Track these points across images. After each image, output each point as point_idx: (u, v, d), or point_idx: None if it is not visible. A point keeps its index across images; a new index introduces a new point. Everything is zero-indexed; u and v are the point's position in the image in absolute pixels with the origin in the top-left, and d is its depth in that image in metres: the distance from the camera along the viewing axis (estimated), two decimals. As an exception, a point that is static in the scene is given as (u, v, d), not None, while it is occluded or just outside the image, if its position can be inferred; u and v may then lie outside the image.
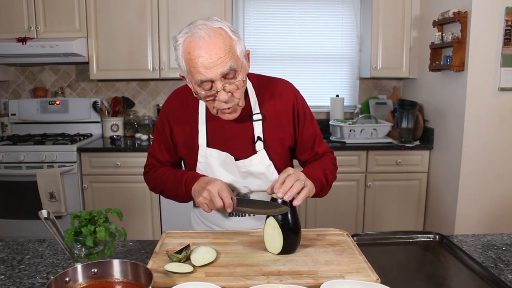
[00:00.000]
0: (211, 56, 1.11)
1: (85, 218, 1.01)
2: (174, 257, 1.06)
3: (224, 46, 1.12)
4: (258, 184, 1.36)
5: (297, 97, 1.40)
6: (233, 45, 1.16)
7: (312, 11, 3.55)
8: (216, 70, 1.12)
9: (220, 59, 1.11)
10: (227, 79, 1.15)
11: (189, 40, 1.13)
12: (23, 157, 2.90)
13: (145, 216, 3.07)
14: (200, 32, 1.12)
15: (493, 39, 2.52)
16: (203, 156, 1.36)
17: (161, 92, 3.60)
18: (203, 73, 1.13)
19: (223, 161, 1.34)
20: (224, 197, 1.18)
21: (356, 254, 1.13)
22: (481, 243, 1.33)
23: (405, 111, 3.10)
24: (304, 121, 1.41)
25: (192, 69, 1.14)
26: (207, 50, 1.11)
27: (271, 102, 1.36)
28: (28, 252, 1.24)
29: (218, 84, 1.14)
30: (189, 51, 1.13)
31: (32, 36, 3.06)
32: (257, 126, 1.34)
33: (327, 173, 1.36)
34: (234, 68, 1.14)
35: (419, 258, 1.27)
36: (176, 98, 1.41)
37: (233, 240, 1.22)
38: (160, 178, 1.41)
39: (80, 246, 1.02)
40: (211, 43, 1.11)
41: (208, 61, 1.11)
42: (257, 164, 1.34)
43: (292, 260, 1.10)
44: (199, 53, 1.11)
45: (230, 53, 1.13)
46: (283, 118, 1.37)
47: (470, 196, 2.69)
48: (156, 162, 1.46)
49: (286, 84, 1.42)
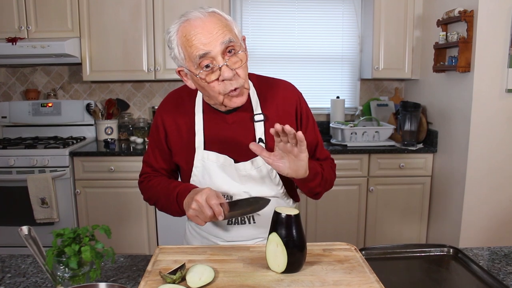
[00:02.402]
0: (209, 31, 1.08)
1: (69, 236, 0.92)
2: (168, 278, 0.97)
3: (221, 23, 1.11)
4: (258, 190, 1.27)
5: (300, 99, 1.33)
6: (229, 24, 1.14)
7: (312, 10, 3.46)
8: (215, 41, 1.08)
9: (217, 33, 1.09)
10: (227, 55, 1.11)
11: (184, 25, 1.11)
12: (13, 161, 2.80)
13: (140, 221, 2.97)
14: (194, 14, 1.11)
15: (500, 39, 2.43)
16: (199, 160, 1.26)
17: (157, 94, 3.50)
18: (202, 48, 1.08)
19: (222, 164, 1.25)
20: (213, 204, 1.07)
21: (367, 272, 1.03)
22: (499, 257, 1.24)
23: (408, 113, 3.01)
24: (307, 125, 1.34)
25: (189, 48, 1.10)
26: (204, 27, 1.09)
27: (274, 102, 1.29)
28: (10, 269, 1.15)
29: (219, 59, 1.09)
30: (185, 33, 1.10)
31: (23, 36, 2.96)
32: (258, 127, 1.26)
33: (323, 168, 1.29)
34: (233, 41, 1.10)
35: (433, 274, 1.17)
36: (171, 101, 1.33)
37: (232, 256, 1.13)
38: (154, 188, 1.31)
39: (63, 267, 0.92)
40: (207, 21, 1.09)
41: (206, 35, 1.08)
42: (259, 167, 1.25)
43: (298, 280, 1.00)
44: (196, 31, 1.08)
45: (228, 28, 1.11)
46: (286, 119, 1.29)
47: (476, 201, 2.60)
48: (151, 170, 1.37)
49: (289, 85, 1.35)
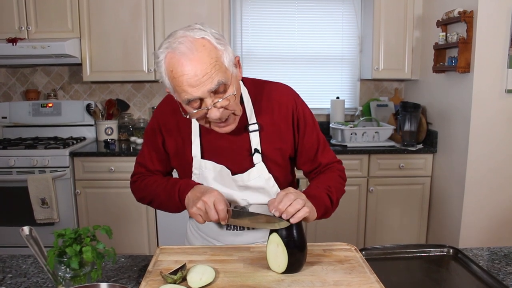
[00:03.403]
0: (196, 73, 1.00)
1: (70, 237, 0.92)
2: (169, 278, 0.97)
3: (210, 60, 1.01)
4: (256, 198, 1.26)
5: (296, 102, 1.28)
6: (220, 56, 1.04)
7: (311, 11, 3.46)
8: (203, 87, 1.01)
9: (206, 75, 1.01)
10: (217, 94, 1.05)
11: (170, 57, 1.02)
12: (13, 161, 2.80)
13: (140, 222, 2.97)
14: (181, 47, 1.00)
15: (500, 39, 2.44)
16: (197, 168, 1.26)
17: (157, 94, 3.50)
18: (190, 92, 1.02)
19: (219, 173, 1.24)
20: (220, 210, 1.07)
21: (367, 272, 1.04)
22: (499, 257, 1.24)
23: (408, 114, 3.01)
24: (305, 129, 1.28)
25: (177, 88, 1.04)
26: (191, 66, 1.00)
27: (269, 109, 1.25)
28: (11, 270, 1.15)
29: (207, 101, 1.04)
30: (172, 68, 1.02)
31: (23, 36, 2.96)
32: (254, 137, 1.23)
33: (332, 191, 1.23)
34: (223, 82, 1.03)
35: (432, 274, 1.18)
36: (169, 104, 1.29)
37: (233, 256, 1.13)
38: (150, 186, 1.30)
39: (65, 267, 0.92)
40: (194, 58, 1.00)
41: (194, 78, 1.00)
42: (255, 178, 1.23)
43: (298, 280, 1.01)
44: (183, 70, 1.00)
45: (217, 66, 1.02)
46: (283, 126, 1.26)
47: (476, 201, 2.60)
48: (145, 171, 1.35)
49: (285, 89, 1.30)
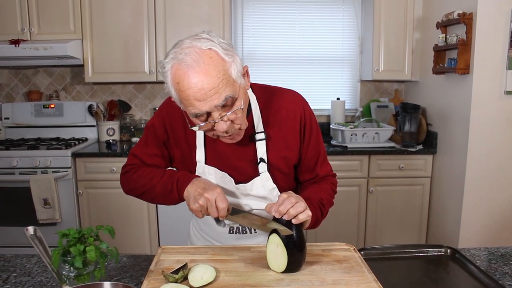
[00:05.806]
0: (203, 86, 0.97)
1: (74, 236, 0.94)
2: (171, 277, 0.99)
3: (217, 73, 0.98)
4: (258, 204, 1.26)
5: (305, 111, 1.26)
6: (227, 68, 1.00)
7: (312, 12, 3.48)
8: (210, 102, 0.99)
9: (213, 90, 0.98)
10: (224, 108, 1.03)
11: (176, 68, 0.99)
12: (16, 162, 2.82)
13: (141, 222, 2.99)
14: (187, 59, 0.97)
15: (499, 41, 2.45)
16: (200, 173, 1.26)
17: (158, 96, 3.52)
18: (197, 106, 1.00)
19: (221, 180, 1.24)
20: (220, 208, 1.07)
21: (365, 272, 1.05)
22: (495, 257, 1.26)
23: (408, 115, 3.03)
24: (310, 138, 1.27)
25: (184, 101, 1.02)
26: (198, 79, 0.97)
27: (277, 117, 1.23)
28: (15, 269, 1.17)
29: (214, 114, 1.03)
30: (178, 81, 1.00)
31: (25, 38, 2.99)
32: (260, 146, 1.22)
33: (324, 204, 1.25)
34: (230, 96, 1.01)
35: (430, 274, 1.19)
36: (174, 106, 1.23)
37: (234, 256, 1.15)
38: (143, 178, 1.25)
39: (69, 267, 0.94)
40: (200, 71, 0.97)
41: (200, 92, 0.98)
42: (259, 188, 1.24)
43: (297, 279, 1.02)
44: (189, 83, 0.98)
45: (225, 79, 0.99)
46: (290, 134, 1.24)
47: (476, 202, 2.62)
48: (139, 163, 1.30)
49: (294, 96, 1.28)
